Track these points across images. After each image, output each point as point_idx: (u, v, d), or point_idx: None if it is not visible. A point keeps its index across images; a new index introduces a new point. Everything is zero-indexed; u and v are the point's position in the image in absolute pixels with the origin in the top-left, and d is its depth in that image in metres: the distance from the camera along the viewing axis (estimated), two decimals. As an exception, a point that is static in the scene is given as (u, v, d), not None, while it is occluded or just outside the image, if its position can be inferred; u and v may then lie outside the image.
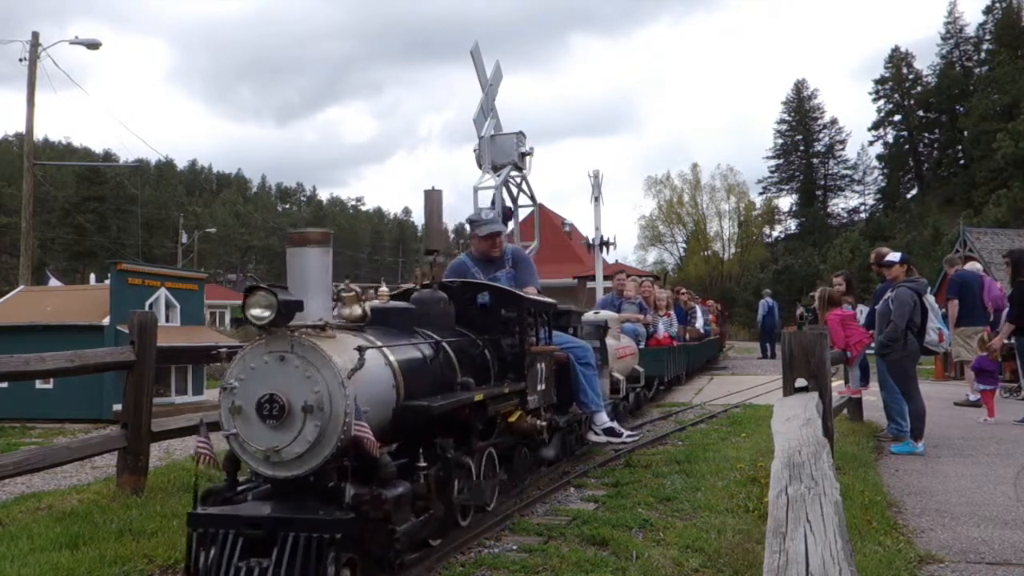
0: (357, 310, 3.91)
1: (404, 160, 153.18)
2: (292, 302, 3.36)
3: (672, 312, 13.14)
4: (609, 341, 8.07)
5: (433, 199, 5.50)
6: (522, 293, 5.35)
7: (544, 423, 5.20)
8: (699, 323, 16.50)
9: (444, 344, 4.46)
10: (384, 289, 4.61)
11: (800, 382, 4.48)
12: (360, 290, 4.01)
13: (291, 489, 3.40)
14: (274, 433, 3.31)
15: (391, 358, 3.85)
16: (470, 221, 6.13)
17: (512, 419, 4.93)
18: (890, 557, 3.84)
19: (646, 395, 10.56)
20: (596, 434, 6.26)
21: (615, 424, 6.28)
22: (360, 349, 3.42)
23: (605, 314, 9.44)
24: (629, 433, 6.37)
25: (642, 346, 10.68)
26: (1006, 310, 9.82)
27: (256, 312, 3.31)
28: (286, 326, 3.36)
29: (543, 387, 5.42)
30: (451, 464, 4.01)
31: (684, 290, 18.77)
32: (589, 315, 8.76)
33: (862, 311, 8.80)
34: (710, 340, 18.54)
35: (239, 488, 3.55)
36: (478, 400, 4.29)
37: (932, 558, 3.98)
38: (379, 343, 3.83)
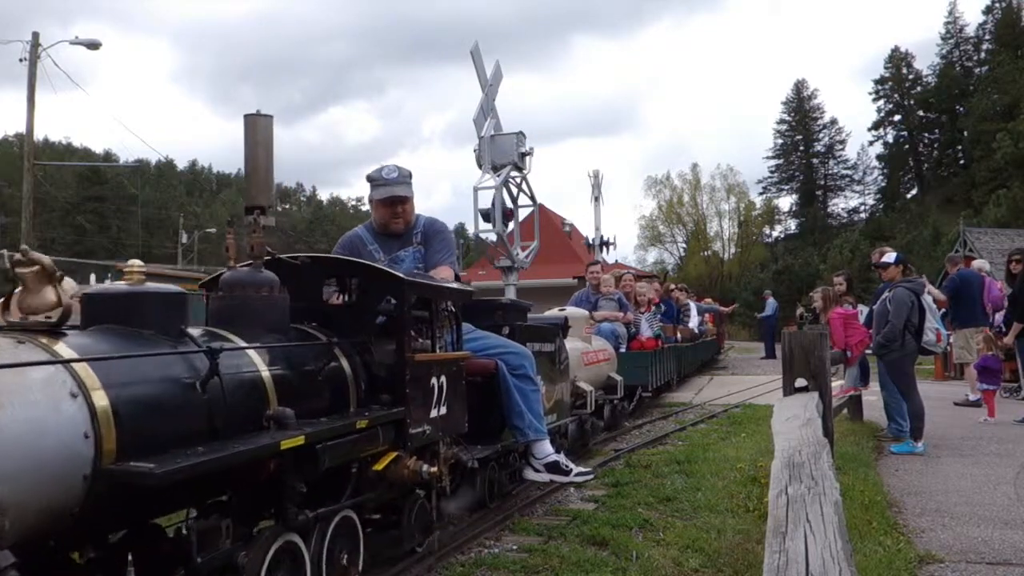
0: (49, 297, 2.36)
1: (406, 160, 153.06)
2: None
3: (653, 308, 11.35)
4: (574, 344, 6.84)
5: (256, 128, 3.42)
6: (404, 274, 3.66)
7: (433, 468, 3.54)
8: (693, 322, 15.29)
9: (249, 354, 2.87)
10: (136, 262, 2.85)
11: (800, 382, 4.48)
12: (52, 265, 2.41)
13: None
14: None
15: (90, 385, 2.24)
16: (369, 179, 4.56)
17: (379, 465, 3.32)
18: (890, 557, 3.84)
19: (625, 408, 9.07)
20: (535, 470, 4.69)
21: (561, 457, 4.71)
22: None
23: (571, 310, 8.07)
24: (580, 470, 4.74)
25: (622, 349, 9.33)
26: (1004, 311, 9.83)
27: None
28: None
29: (442, 411, 3.76)
30: (201, 572, 2.46)
31: (676, 286, 17.18)
32: (553, 312, 7.69)
33: (862, 311, 8.81)
34: (706, 341, 17.46)
35: None
36: (293, 447, 2.66)
37: (932, 558, 3.98)
38: (67, 356, 2.26)
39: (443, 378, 3.78)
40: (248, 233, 3.33)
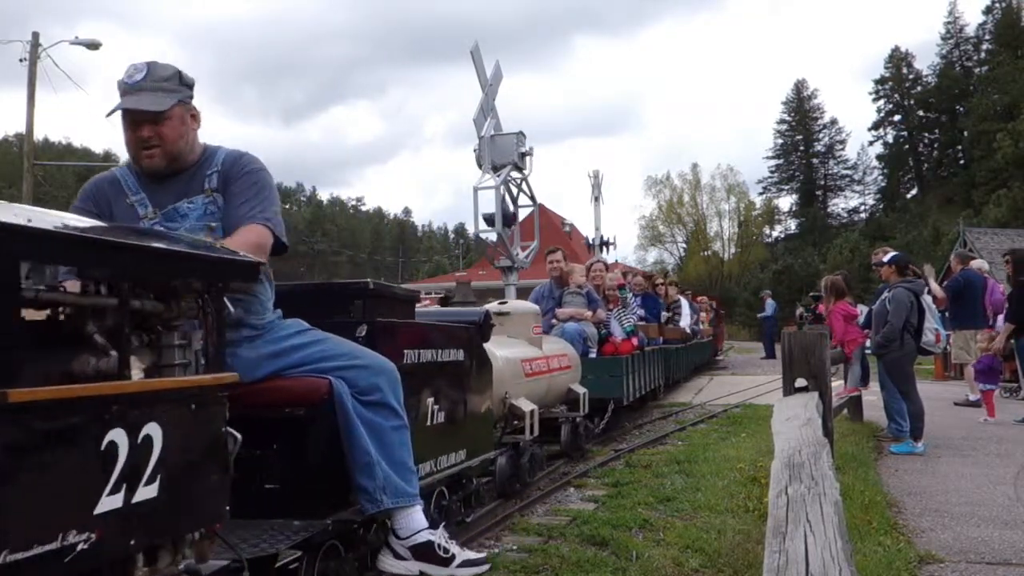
0: None
1: (407, 160, 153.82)
2: None
3: (622, 302, 8.94)
4: (512, 350, 5.43)
5: None
6: (26, 223, 1.54)
7: None
8: (685, 321, 13.71)
9: None
10: None
11: (800, 382, 4.48)
12: None
13: None
14: None
15: None
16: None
17: None
18: (890, 557, 3.84)
19: (590, 428, 7.38)
20: (397, 555, 2.95)
21: (439, 536, 2.98)
22: None
23: (513, 304, 6.51)
24: (466, 558, 3.03)
25: (593, 354, 7.84)
26: (1004, 312, 9.82)
27: None
28: None
29: (144, 495, 1.77)
30: None
31: (663, 280, 15.02)
32: (491, 306, 6.04)
33: (862, 311, 8.82)
34: (700, 342, 16.02)
35: None
36: None
37: (932, 558, 3.98)
38: None
39: (150, 428, 1.82)
40: None
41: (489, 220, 14.62)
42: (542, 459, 5.95)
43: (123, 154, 2.91)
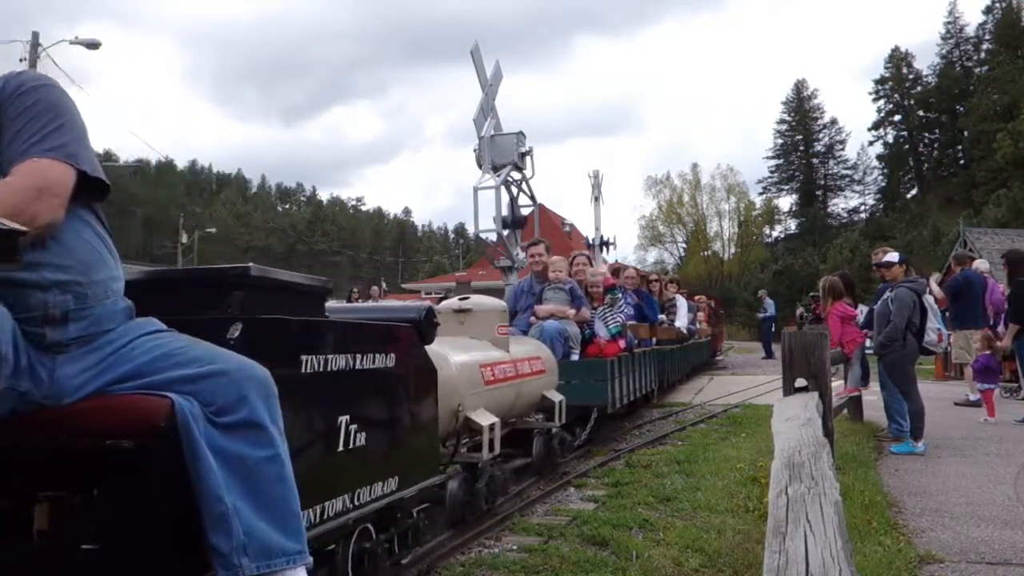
0: None
1: (408, 160, 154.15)
2: None
3: (608, 299, 7.77)
4: (469, 354, 4.70)
5: None
6: None
7: None
8: (681, 321, 12.94)
9: None
10: None
11: (800, 382, 4.47)
12: None
13: None
14: None
15: None
16: None
17: None
18: (890, 557, 3.84)
19: (569, 440, 6.54)
20: None
21: None
22: None
23: (476, 300, 5.47)
24: None
25: (575, 356, 7.08)
26: (1004, 312, 9.83)
27: None
28: None
29: None
30: None
31: (657, 278, 13.99)
32: (451, 301, 5.46)
33: (862, 311, 8.82)
34: (697, 343, 15.27)
35: None
36: None
37: (932, 558, 3.98)
38: None
39: None
40: None
41: (504, 222, 14.69)
42: (504, 481, 5.01)
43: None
